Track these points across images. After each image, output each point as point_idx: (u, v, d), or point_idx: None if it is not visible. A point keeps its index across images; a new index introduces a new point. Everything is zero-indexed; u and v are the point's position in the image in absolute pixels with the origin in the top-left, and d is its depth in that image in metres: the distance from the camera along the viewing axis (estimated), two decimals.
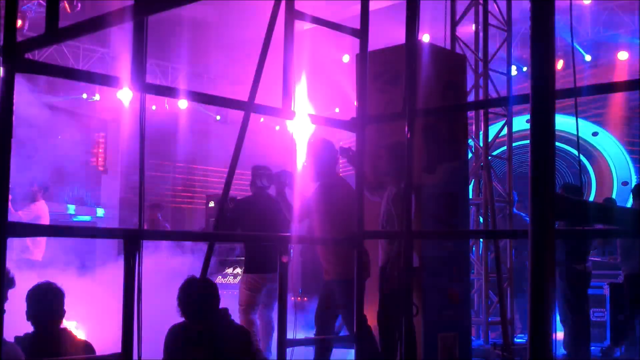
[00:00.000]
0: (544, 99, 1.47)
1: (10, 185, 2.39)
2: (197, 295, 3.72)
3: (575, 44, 12.09)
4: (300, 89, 4.00)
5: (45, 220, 8.45)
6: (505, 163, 8.05)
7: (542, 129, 1.46)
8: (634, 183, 11.73)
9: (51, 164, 9.71)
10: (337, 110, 13.62)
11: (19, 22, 10.28)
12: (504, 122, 7.86)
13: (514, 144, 7.99)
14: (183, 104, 13.91)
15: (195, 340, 3.66)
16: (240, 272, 9.50)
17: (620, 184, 12.66)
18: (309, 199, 5.16)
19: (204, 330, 3.68)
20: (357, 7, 3.87)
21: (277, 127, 13.98)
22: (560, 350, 6.76)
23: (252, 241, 6.04)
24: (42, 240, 8.49)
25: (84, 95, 14.37)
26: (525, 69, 12.03)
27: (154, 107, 14.71)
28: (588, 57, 12.35)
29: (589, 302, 7.16)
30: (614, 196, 12.17)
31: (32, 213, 8.42)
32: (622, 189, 12.29)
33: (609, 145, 13.07)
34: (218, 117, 15.58)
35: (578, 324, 6.70)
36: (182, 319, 3.75)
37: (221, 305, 3.82)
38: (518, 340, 7.52)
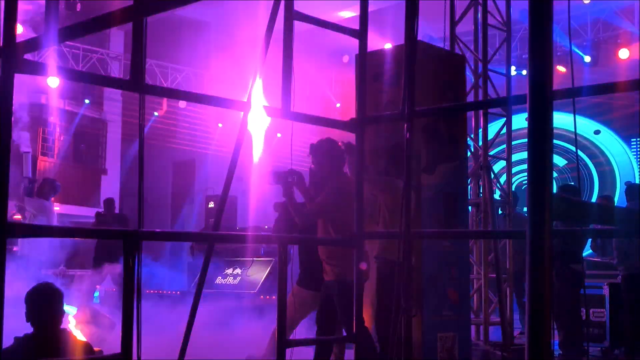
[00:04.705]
0: (542, 99, 1.47)
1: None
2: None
3: (575, 49, 12.13)
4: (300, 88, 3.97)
5: (53, 222, 8.54)
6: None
7: (540, 129, 1.47)
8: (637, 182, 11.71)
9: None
10: (337, 105, 13.61)
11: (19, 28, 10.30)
12: (503, 120, 7.85)
13: (514, 142, 7.97)
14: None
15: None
16: (239, 273, 9.51)
17: (624, 183, 12.64)
18: (322, 200, 5.08)
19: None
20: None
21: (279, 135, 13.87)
22: (556, 350, 6.76)
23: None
24: (44, 241, 8.55)
25: (86, 101, 14.40)
26: (524, 72, 12.06)
27: (156, 114, 14.73)
28: (587, 58, 12.36)
29: (588, 302, 7.16)
30: (617, 195, 12.15)
31: (42, 208, 8.50)
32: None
33: (612, 144, 13.02)
34: (220, 125, 15.48)
35: (573, 324, 6.71)
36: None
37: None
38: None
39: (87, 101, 14.45)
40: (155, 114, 14.91)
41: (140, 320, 2.80)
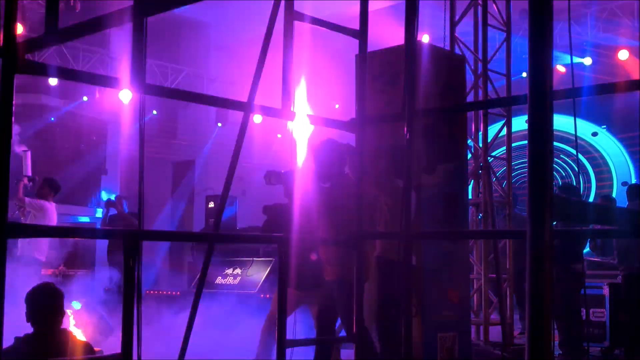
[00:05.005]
0: (542, 100, 1.47)
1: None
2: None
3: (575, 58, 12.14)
4: (300, 89, 3.98)
5: (53, 222, 8.51)
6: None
7: (540, 129, 1.47)
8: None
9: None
10: (336, 106, 13.60)
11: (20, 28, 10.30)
12: (503, 122, 7.86)
13: (514, 144, 7.98)
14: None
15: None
16: (240, 273, 9.51)
17: (620, 184, 12.67)
18: (319, 199, 5.08)
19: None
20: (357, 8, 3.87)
21: (279, 135, 13.87)
22: (556, 350, 6.76)
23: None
24: (44, 241, 8.54)
25: (85, 98, 14.39)
26: (524, 74, 12.07)
27: (155, 112, 14.71)
28: (588, 60, 12.36)
29: (588, 302, 7.16)
30: (614, 196, 12.17)
31: (42, 209, 8.48)
32: (622, 189, 12.30)
33: (609, 145, 13.07)
34: (220, 124, 15.46)
35: (573, 324, 6.71)
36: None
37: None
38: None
39: (85, 98, 14.42)
40: (154, 112, 14.88)
41: (140, 320, 2.80)
